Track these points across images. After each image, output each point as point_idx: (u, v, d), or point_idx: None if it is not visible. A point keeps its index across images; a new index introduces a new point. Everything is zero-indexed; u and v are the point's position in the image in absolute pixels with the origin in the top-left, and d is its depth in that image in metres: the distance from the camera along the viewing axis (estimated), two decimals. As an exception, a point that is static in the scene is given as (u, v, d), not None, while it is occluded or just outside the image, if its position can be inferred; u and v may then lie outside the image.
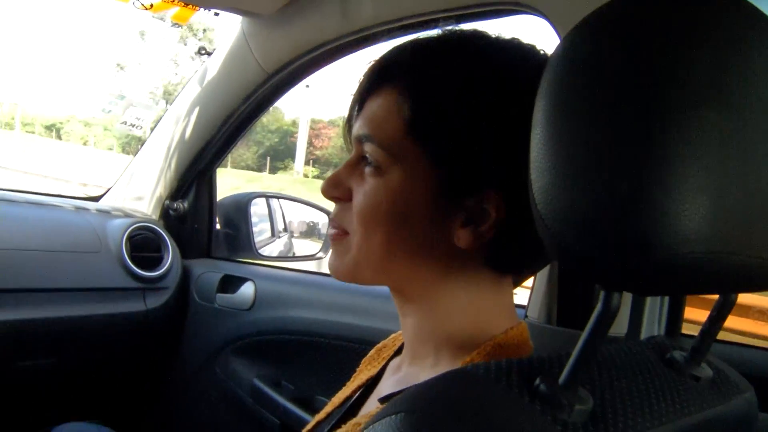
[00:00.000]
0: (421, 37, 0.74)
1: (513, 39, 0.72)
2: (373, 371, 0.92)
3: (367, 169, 0.72)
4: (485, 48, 0.71)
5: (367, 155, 0.72)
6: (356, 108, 0.76)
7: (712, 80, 0.45)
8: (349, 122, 0.78)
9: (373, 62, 0.76)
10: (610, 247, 0.46)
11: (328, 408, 0.93)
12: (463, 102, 0.67)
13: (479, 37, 0.72)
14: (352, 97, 0.77)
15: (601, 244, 0.46)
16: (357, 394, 0.90)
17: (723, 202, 0.45)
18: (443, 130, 0.68)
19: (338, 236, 0.76)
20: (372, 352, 0.99)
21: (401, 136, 0.69)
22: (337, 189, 0.76)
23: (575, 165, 0.48)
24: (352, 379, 0.97)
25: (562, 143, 0.49)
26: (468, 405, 0.50)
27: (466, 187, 0.68)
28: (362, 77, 0.76)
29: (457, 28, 0.74)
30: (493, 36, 0.72)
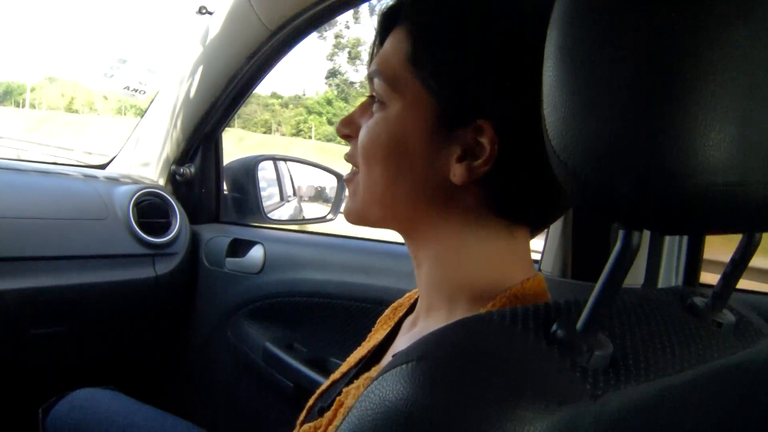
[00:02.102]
0: None
1: None
2: (388, 330, 0.91)
3: (375, 106, 0.74)
4: None
5: (375, 92, 0.74)
6: (375, 51, 0.78)
7: (738, 3, 0.42)
8: (369, 65, 0.80)
9: (387, 6, 0.77)
10: (632, 179, 0.43)
11: (344, 368, 0.92)
12: (461, 31, 0.67)
13: None
14: (373, 40, 0.80)
15: (621, 177, 0.43)
16: (371, 353, 0.89)
17: (751, 130, 0.42)
18: (440, 58, 0.68)
19: (350, 177, 0.79)
20: (387, 311, 0.99)
21: (401, 68, 0.70)
22: (347, 127, 0.79)
23: (592, 96, 0.45)
24: (367, 339, 0.97)
25: (577, 75, 0.46)
26: (482, 349, 0.48)
27: (461, 117, 0.67)
28: (378, 21, 0.78)
29: None
30: None
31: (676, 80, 0.41)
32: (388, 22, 0.75)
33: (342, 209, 0.80)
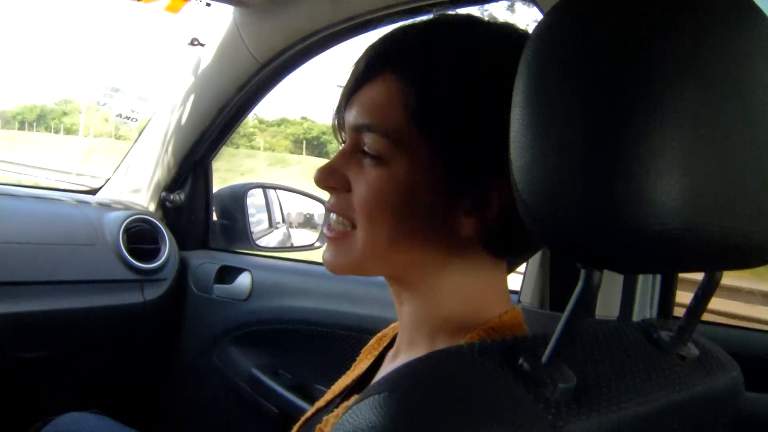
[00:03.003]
0: (418, 21, 0.73)
1: (506, 23, 0.72)
2: (372, 360, 0.93)
3: (368, 161, 0.70)
4: (484, 33, 0.70)
5: (366, 147, 0.70)
6: (348, 95, 0.74)
7: (690, 57, 0.46)
8: (339, 111, 0.77)
9: (369, 48, 0.74)
10: (587, 222, 0.46)
11: (328, 396, 0.93)
12: (467, 88, 0.66)
13: (475, 22, 0.71)
14: (345, 84, 0.75)
15: (577, 220, 0.46)
16: (355, 383, 0.91)
17: (699, 177, 0.45)
18: (448, 117, 0.67)
19: (340, 236, 0.74)
20: (372, 341, 0.99)
21: (405, 124, 0.68)
22: (332, 178, 0.74)
23: (551, 142, 0.48)
24: (352, 368, 0.97)
25: (538, 122, 0.49)
26: (449, 381, 0.51)
27: (471, 175, 0.67)
28: (357, 63, 0.74)
29: (451, 13, 0.74)
30: (487, 20, 0.72)
31: (630, 129, 0.44)
32: (372, 66, 0.72)
33: (326, 260, 0.77)
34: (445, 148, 0.67)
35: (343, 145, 0.77)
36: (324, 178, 0.75)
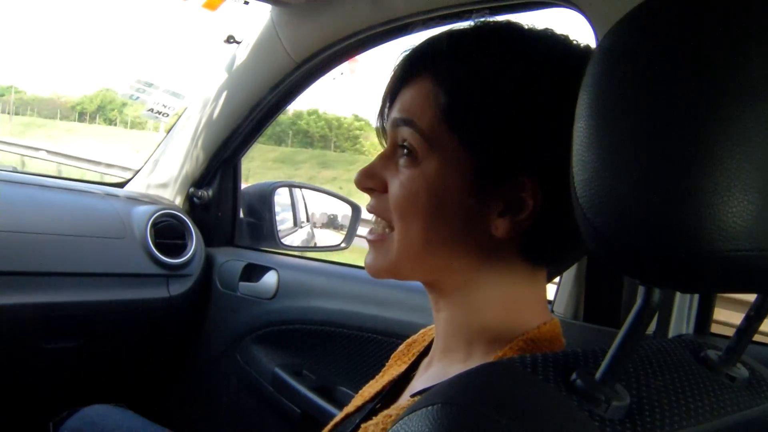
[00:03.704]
0: (456, 27, 0.74)
1: (546, 29, 0.72)
2: (403, 366, 0.92)
3: (402, 160, 0.72)
4: (520, 37, 0.71)
5: (404, 142, 0.72)
6: (389, 99, 0.76)
7: (766, 75, 0.45)
8: (381, 115, 0.78)
9: (407, 52, 0.75)
10: (655, 241, 0.45)
11: (357, 401, 0.93)
12: (499, 89, 0.67)
13: (513, 27, 0.72)
14: (386, 88, 0.77)
15: (645, 239, 0.45)
16: (387, 389, 0.90)
17: None
18: (479, 117, 0.68)
19: (380, 238, 0.76)
20: (402, 347, 0.99)
21: (437, 123, 0.69)
22: (371, 180, 0.76)
23: (620, 159, 0.47)
24: (381, 373, 0.97)
25: (606, 136, 0.48)
26: (506, 396, 0.50)
27: (502, 176, 0.67)
28: (396, 67, 0.76)
29: (491, 19, 0.74)
30: (527, 26, 0.72)
31: (701, 148, 0.43)
32: (410, 69, 0.74)
33: (367, 264, 0.78)
34: (475, 149, 0.68)
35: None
36: (363, 180, 0.77)
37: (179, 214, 2.02)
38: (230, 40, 1.85)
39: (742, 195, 0.43)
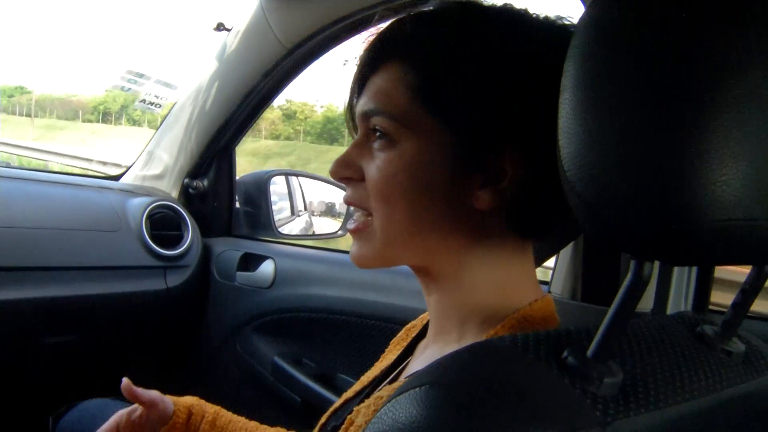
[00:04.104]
0: (417, 10, 0.73)
1: (506, 4, 0.72)
2: (401, 351, 0.92)
3: (377, 144, 0.71)
4: (482, 10, 0.70)
5: (377, 127, 0.71)
6: (357, 88, 0.75)
7: (758, 43, 0.43)
8: (350, 105, 0.77)
9: (370, 40, 0.74)
10: (645, 214, 0.44)
11: (357, 387, 0.93)
12: (468, 63, 0.67)
13: (474, 3, 0.71)
14: (353, 77, 0.76)
15: (635, 211, 0.44)
16: (383, 373, 0.90)
17: (763, 169, 0.43)
18: (452, 93, 0.67)
19: (361, 227, 0.74)
20: (401, 332, 0.98)
21: (409, 104, 0.68)
22: (347, 169, 0.74)
23: (608, 130, 0.46)
24: (380, 359, 0.97)
25: (594, 108, 0.47)
26: (495, 376, 0.49)
27: (480, 148, 0.67)
28: (361, 56, 0.75)
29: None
30: (485, 3, 0.72)
31: (691, 117, 0.42)
32: (376, 56, 0.73)
33: (352, 254, 0.76)
34: (452, 124, 0.67)
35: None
36: (338, 170, 0.75)
37: (175, 205, 2.02)
38: (220, 27, 1.84)
39: (733, 163, 0.42)
